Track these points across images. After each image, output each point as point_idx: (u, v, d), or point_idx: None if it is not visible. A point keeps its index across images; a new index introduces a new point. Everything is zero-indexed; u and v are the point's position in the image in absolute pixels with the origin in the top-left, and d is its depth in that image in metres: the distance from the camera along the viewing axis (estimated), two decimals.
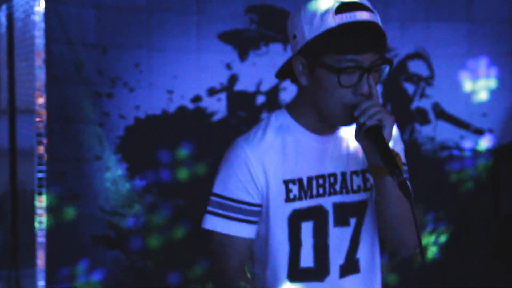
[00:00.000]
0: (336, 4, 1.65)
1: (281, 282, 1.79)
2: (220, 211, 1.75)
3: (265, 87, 3.71)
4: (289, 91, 3.72)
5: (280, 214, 1.75)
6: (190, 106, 3.63)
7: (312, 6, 1.68)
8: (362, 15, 1.64)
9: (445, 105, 3.96)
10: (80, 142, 3.48)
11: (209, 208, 1.77)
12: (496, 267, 4.04)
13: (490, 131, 3.99)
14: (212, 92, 3.65)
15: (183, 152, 3.62)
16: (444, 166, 3.98)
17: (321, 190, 1.77)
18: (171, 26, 3.58)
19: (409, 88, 3.93)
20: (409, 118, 3.93)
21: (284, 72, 1.80)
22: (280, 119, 1.78)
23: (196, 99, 3.64)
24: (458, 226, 4.01)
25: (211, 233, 1.76)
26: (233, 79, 3.68)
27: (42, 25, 3.38)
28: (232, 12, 3.64)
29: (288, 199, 1.75)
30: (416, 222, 1.61)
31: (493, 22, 3.93)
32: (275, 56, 3.68)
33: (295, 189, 1.75)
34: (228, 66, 3.66)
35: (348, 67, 1.64)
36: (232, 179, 1.73)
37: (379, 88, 3.80)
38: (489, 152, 3.99)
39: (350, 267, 1.82)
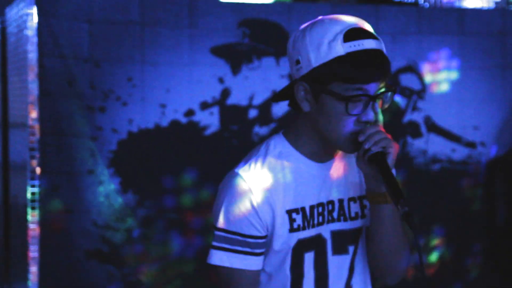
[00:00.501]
0: (344, 31, 1.63)
1: None
2: (227, 246, 1.71)
3: (257, 101, 3.71)
4: (281, 105, 3.72)
5: (284, 245, 1.72)
6: (183, 120, 3.63)
7: (318, 31, 1.66)
8: (370, 44, 1.63)
9: (437, 118, 3.98)
10: (73, 156, 3.47)
11: (214, 243, 1.72)
12: (492, 278, 4.04)
13: (482, 144, 4.01)
14: (204, 106, 3.66)
15: (176, 166, 3.61)
16: (436, 179, 3.99)
17: (320, 219, 1.75)
18: (164, 40, 3.58)
19: (401, 101, 3.95)
20: (401, 131, 3.94)
21: (283, 96, 1.77)
22: (279, 146, 1.75)
23: (189, 113, 3.64)
24: (453, 238, 4.02)
25: (218, 268, 1.73)
26: (225, 93, 3.68)
27: (35, 39, 3.38)
28: (225, 26, 3.65)
29: (292, 229, 1.72)
30: (421, 254, 1.58)
31: (484, 35, 3.95)
32: (267, 69, 3.69)
33: (298, 218, 1.72)
34: (221, 80, 3.67)
35: (356, 96, 1.62)
36: (236, 214, 1.69)
37: None
38: (482, 164, 4.01)
39: None
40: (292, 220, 1.72)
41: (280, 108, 3.73)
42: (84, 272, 3.52)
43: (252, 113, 3.72)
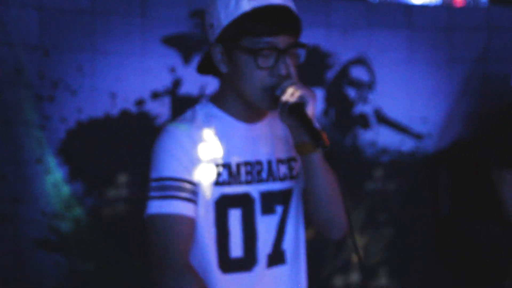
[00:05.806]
0: None
1: (213, 271, 1.77)
2: (162, 193, 1.71)
3: (209, 90, 3.72)
4: None
5: (208, 197, 1.75)
6: (133, 109, 3.62)
7: None
8: (275, 0, 1.70)
9: (386, 110, 4.03)
10: (21, 145, 3.44)
11: (150, 194, 1.74)
12: (437, 269, 4.12)
13: (429, 135, 4.08)
14: (155, 95, 3.66)
15: (125, 155, 3.60)
16: (385, 171, 4.05)
17: (249, 177, 1.80)
18: (115, 29, 3.56)
19: (351, 93, 4.00)
20: (351, 123, 3.98)
21: (205, 65, 1.82)
22: (205, 108, 1.81)
23: (140, 102, 3.63)
24: (399, 229, 4.08)
25: (154, 218, 1.71)
26: (177, 82, 3.68)
27: None
28: (176, 15, 3.64)
29: (217, 183, 1.76)
30: (343, 193, 1.68)
31: (432, 30, 4.01)
32: None
33: (224, 173, 1.77)
34: (172, 70, 3.67)
35: (263, 48, 1.69)
36: (168, 159, 1.72)
37: (321, 93, 3.87)
38: (429, 156, 4.08)
39: (277, 257, 1.84)
40: (218, 174, 1.76)
41: None
42: (32, 261, 3.49)
43: None
